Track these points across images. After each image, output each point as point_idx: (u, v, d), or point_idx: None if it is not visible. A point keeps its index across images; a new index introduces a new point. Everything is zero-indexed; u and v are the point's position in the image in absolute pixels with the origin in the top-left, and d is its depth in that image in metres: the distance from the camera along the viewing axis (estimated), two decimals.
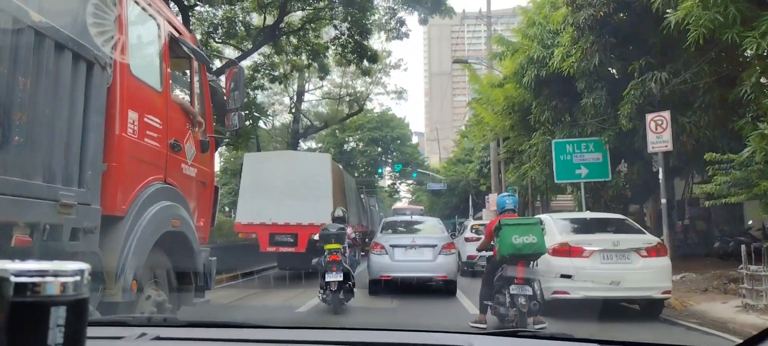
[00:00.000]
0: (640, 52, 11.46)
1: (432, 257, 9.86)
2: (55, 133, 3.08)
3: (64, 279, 0.64)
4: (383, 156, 42.55)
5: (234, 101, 5.78)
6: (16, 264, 0.62)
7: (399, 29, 18.89)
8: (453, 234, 17.60)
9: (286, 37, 18.76)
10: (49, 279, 0.63)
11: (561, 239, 7.60)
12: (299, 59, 21.22)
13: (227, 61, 14.26)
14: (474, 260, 12.98)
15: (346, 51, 19.12)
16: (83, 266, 0.67)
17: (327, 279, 7.92)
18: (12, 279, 0.59)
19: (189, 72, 5.48)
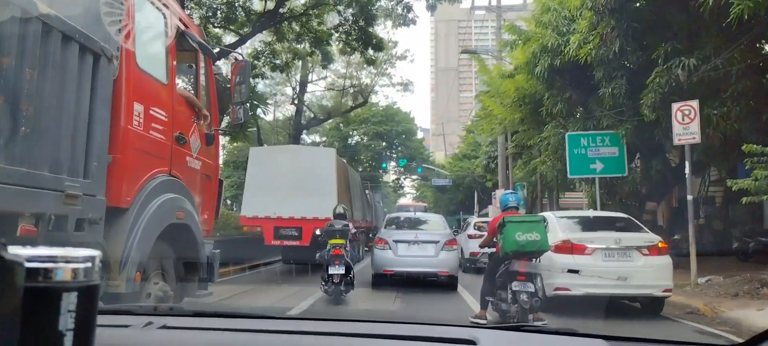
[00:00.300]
0: (664, 37, 10.59)
1: (434, 253, 10.06)
2: (61, 125, 3.11)
3: (75, 265, 0.65)
4: (388, 151, 42.16)
5: (240, 95, 5.81)
6: (28, 250, 0.63)
7: (406, 16, 18.15)
8: (456, 230, 17.63)
9: (288, 24, 17.92)
10: (61, 265, 0.64)
11: (564, 237, 7.65)
12: (303, 48, 20.44)
13: (231, 55, 14.09)
14: (477, 256, 12.99)
15: (350, 38, 18.36)
16: (94, 252, 0.68)
17: (330, 272, 8.32)
18: (25, 264, 0.60)
19: (195, 65, 5.51)
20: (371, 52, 19.20)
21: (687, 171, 9.84)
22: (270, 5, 16.94)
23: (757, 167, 8.46)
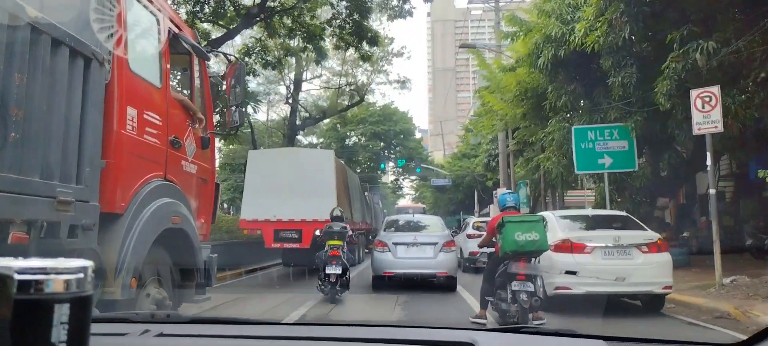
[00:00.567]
0: (678, 21, 9.91)
1: (433, 255, 10.19)
2: (52, 130, 3.07)
3: (67, 276, 0.64)
4: (386, 151, 41.81)
5: (235, 97, 5.78)
6: (19, 262, 0.63)
7: (402, 6, 17.42)
8: (455, 231, 17.62)
9: (279, 18, 16.89)
10: (53, 276, 0.63)
11: (563, 236, 7.66)
12: (296, 46, 19.49)
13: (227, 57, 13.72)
14: (476, 256, 12.99)
15: (344, 33, 17.44)
16: (87, 263, 0.68)
17: (327, 271, 8.60)
18: (15, 276, 0.60)
19: (189, 68, 5.47)
20: (366, 46, 18.30)
21: (708, 163, 9.13)
22: None
23: None
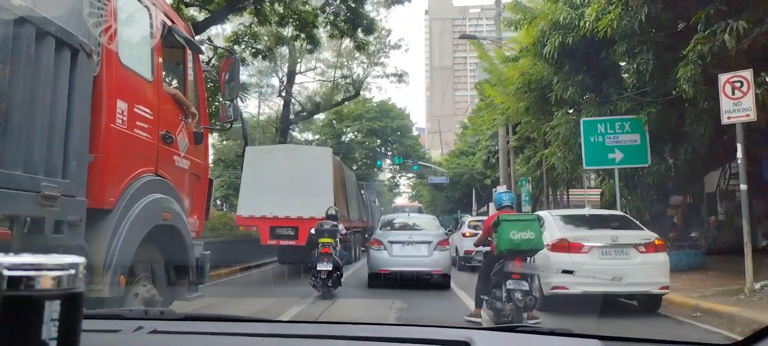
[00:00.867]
0: (702, 0, 8.98)
1: (428, 253, 10.39)
2: (37, 123, 2.98)
3: (58, 273, 0.64)
4: (383, 148, 41.42)
5: (229, 92, 5.71)
6: (9, 258, 0.62)
7: None
8: (451, 230, 17.63)
9: (269, 4, 15.58)
10: (43, 273, 0.63)
11: (560, 235, 7.65)
12: (288, 36, 18.60)
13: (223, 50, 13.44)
14: (471, 255, 12.98)
15: (338, 19, 16.60)
16: (78, 259, 0.67)
17: (318, 268, 8.77)
18: (5, 273, 0.60)
19: (182, 61, 5.38)
20: (362, 34, 17.51)
21: (739, 156, 8.17)
22: None
23: None
